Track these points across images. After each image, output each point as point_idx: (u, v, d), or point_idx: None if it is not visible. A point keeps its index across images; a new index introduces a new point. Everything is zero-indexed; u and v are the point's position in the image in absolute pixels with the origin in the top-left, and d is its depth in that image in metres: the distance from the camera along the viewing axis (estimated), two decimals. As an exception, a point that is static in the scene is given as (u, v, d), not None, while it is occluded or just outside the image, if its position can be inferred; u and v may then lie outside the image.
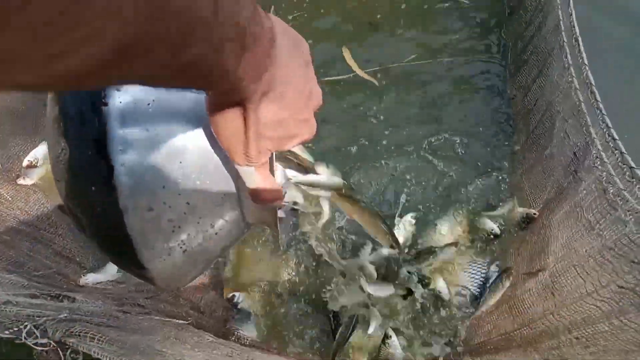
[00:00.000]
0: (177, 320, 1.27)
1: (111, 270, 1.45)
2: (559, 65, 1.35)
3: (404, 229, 1.50)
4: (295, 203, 1.23)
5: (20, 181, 1.44)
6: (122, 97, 0.40)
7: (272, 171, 0.43)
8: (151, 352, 1.05)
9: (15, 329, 0.97)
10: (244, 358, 1.19)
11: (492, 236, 1.48)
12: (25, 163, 1.47)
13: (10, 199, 1.43)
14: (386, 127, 1.73)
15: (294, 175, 1.13)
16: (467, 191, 1.59)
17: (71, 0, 0.20)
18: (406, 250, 1.47)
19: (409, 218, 1.51)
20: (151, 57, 0.26)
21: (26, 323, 1.00)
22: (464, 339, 1.33)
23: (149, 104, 0.41)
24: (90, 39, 0.22)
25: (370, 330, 1.34)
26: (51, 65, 0.22)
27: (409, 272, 1.43)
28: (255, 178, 0.42)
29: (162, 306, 1.32)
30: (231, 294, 1.46)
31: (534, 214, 1.38)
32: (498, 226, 1.47)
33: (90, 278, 1.34)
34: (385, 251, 1.40)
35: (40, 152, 1.48)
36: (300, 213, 1.38)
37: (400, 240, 1.43)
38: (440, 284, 1.41)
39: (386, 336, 1.33)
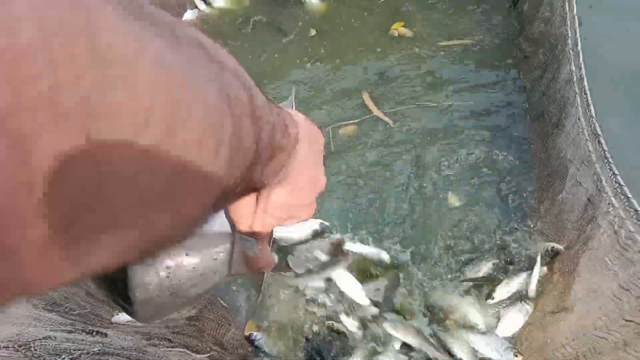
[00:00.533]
0: (200, 355, 1.32)
1: (141, 310, 1.51)
2: (571, 117, 1.43)
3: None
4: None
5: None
6: None
7: (269, 242, 0.47)
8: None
9: (54, 361, 1.03)
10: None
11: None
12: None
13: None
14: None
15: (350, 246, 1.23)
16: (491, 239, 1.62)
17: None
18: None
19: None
20: None
21: (64, 356, 1.06)
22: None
23: None
24: None
25: None
26: None
27: None
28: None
29: (188, 340, 1.36)
30: (249, 332, 1.50)
31: (559, 249, 1.41)
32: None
33: (122, 317, 1.40)
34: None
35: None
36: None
37: None
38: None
39: None
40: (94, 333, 1.31)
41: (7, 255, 0.15)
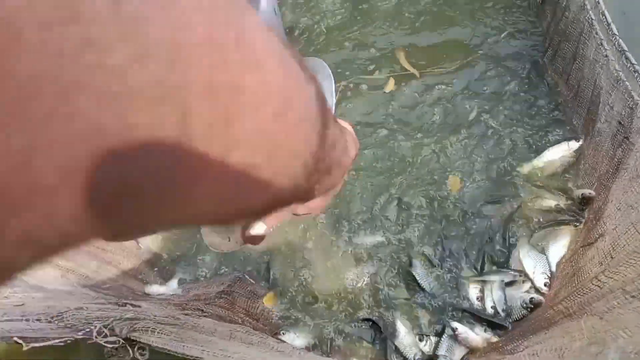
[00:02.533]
0: (232, 325, 1.31)
1: (173, 285, 1.53)
2: (592, 43, 1.35)
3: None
4: None
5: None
6: None
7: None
8: (210, 347, 1.09)
9: (87, 330, 1.04)
10: (296, 354, 1.19)
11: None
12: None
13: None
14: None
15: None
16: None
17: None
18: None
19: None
20: None
21: (96, 323, 1.07)
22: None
23: None
24: None
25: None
26: None
27: None
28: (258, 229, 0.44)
29: (220, 311, 1.36)
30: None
31: (589, 193, 1.33)
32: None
33: (154, 288, 1.42)
34: None
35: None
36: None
37: None
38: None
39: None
40: (127, 305, 1.32)
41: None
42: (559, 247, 1.37)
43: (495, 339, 1.29)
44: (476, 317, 1.35)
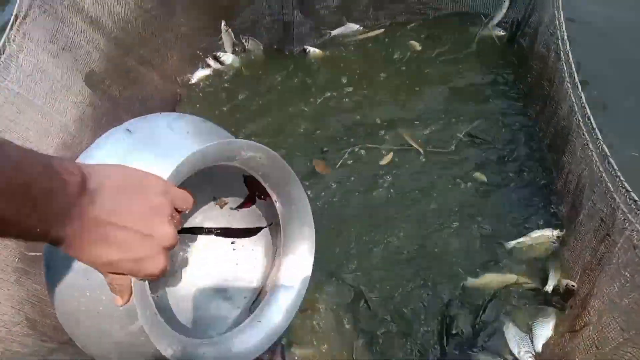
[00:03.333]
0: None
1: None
2: (580, 142, 1.50)
3: None
4: None
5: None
6: None
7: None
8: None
9: None
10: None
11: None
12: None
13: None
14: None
15: None
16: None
17: None
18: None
19: None
20: None
21: None
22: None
23: None
24: None
25: None
26: None
27: None
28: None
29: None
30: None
31: (572, 285, 1.43)
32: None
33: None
34: None
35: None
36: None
37: None
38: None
39: None
40: None
41: None
42: (546, 328, 1.45)
43: None
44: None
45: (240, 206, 0.94)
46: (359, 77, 2.31)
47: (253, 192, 0.90)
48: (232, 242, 0.95)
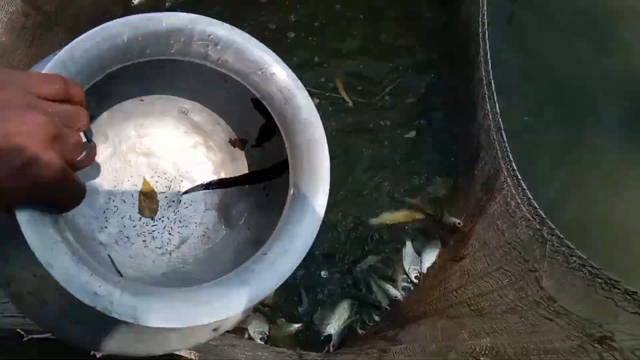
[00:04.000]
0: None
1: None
2: (482, 112, 1.82)
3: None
4: None
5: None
6: None
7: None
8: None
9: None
10: None
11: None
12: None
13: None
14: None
15: None
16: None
17: None
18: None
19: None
20: None
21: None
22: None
23: None
24: None
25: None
26: None
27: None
28: None
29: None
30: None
31: (458, 223, 1.84)
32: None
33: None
34: None
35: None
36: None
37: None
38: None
39: None
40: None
41: None
42: (432, 254, 1.89)
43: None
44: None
45: (262, 138, 0.75)
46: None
47: (267, 115, 0.65)
48: (264, 188, 0.77)
